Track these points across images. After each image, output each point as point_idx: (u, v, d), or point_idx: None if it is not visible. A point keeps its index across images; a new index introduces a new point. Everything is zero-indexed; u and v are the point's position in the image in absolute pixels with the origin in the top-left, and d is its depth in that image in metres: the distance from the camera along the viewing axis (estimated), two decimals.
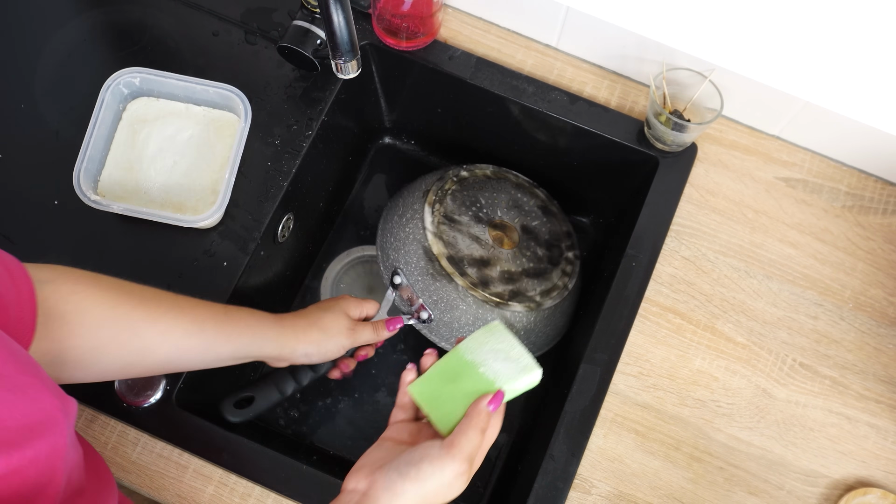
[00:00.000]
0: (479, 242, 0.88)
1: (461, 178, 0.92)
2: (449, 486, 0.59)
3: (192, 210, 0.84)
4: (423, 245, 0.85)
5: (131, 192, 0.84)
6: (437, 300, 0.85)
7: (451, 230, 0.87)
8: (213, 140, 0.87)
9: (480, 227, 0.89)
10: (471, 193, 0.91)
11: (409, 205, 0.90)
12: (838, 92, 0.71)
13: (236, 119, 0.87)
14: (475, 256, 0.86)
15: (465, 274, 0.85)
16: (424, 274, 0.85)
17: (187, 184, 0.85)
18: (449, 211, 0.88)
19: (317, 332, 0.75)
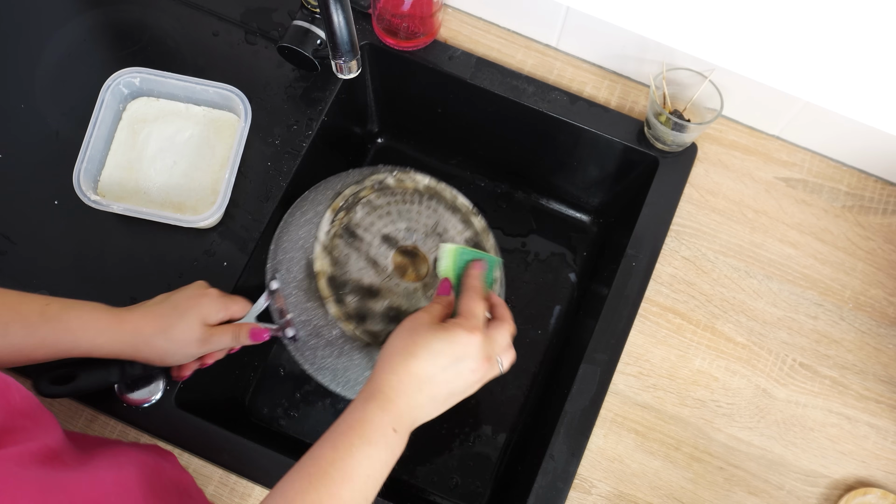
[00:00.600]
0: (374, 268, 0.76)
1: (384, 185, 0.80)
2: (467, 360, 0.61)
3: (192, 210, 0.84)
4: (308, 257, 0.75)
5: (131, 192, 0.84)
6: (306, 321, 0.74)
7: (347, 247, 0.76)
8: (213, 140, 0.87)
9: (385, 249, 0.77)
10: (390, 207, 0.79)
11: (316, 202, 0.79)
12: (838, 92, 0.71)
13: (236, 119, 0.87)
14: (363, 283, 0.75)
15: (342, 301, 0.73)
16: (300, 288, 0.75)
17: (187, 184, 0.85)
18: (354, 223, 0.77)
19: (162, 341, 0.68)
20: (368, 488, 0.56)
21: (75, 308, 0.67)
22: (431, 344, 0.60)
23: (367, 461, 0.56)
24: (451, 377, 0.61)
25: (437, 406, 0.62)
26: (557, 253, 1.02)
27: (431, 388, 0.60)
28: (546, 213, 1.05)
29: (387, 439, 0.57)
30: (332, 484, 0.55)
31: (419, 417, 0.61)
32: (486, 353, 0.62)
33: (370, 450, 0.57)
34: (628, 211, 0.93)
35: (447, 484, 0.92)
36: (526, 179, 1.04)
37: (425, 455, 0.93)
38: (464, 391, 0.63)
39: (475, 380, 0.62)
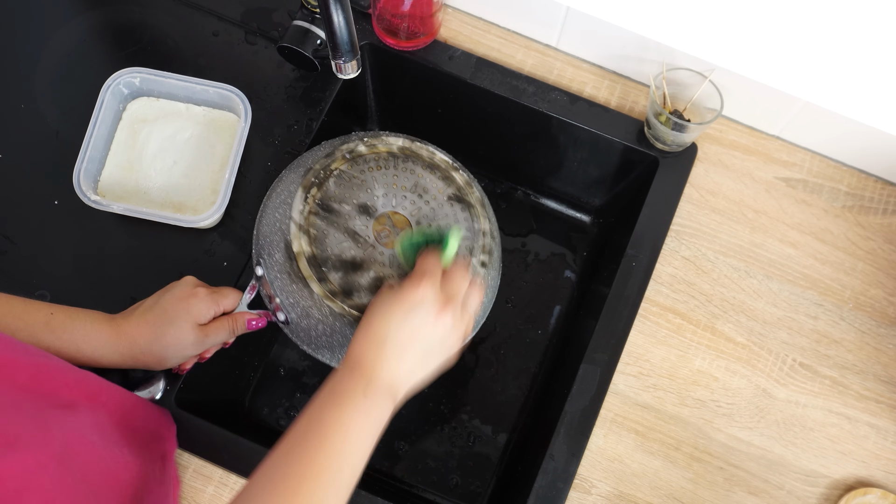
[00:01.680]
0: (355, 240, 0.73)
1: (356, 154, 0.76)
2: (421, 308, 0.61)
3: (192, 210, 0.84)
4: (286, 238, 0.73)
5: (131, 192, 0.84)
6: (294, 303, 0.73)
7: (324, 223, 0.73)
8: (213, 140, 0.87)
9: (363, 219, 0.75)
10: (364, 175, 0.76)
11: (289, 181, 0.77)
12: (838, 92, 0.71)
13: (236, 119, 0.87)
14: (345, 258, 0.73)
15: (325, 279, 0.71)
16: (283, 271, 0.73)
17: (187, 184, 0.85)
18: (328, 197, 0.74)
19: (157, 348, 0.69)
20: (346, 453, 0.58)
21: (78, 320, 0.68)
22: (383, 305, 0.62)
23: (340, 426, 0.58)
24: (410, 331, 0.61)
25: (413, 364, 0.62)
26: (557, 253, 1.02)
27: (394, 345, 0.61)
28: (546, 213, 1.05)
29: (357, 403, 0.59)
30: (308, 449, 0.56)
31: (395, 379, 0.61)
32: (441, 299, 0.62)
33: (341, 415, 0.58)
34: (628, 211, 0.93)
35: (447, 484, 0.92)
36: (526, 179, 1.04)
37: (425, 455, 0.93)
38: (439, 344, 0.63)
39: (443, 328, 0.62)
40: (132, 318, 0.69)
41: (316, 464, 0.56)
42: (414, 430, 0.94)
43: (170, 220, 0.80)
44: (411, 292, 0.62)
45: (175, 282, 0.73)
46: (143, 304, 0.71)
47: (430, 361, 0.63)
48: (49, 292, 0.81)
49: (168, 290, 0.71)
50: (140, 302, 0.72)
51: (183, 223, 0.80)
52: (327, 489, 0.56)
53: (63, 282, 0.81)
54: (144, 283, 0.81)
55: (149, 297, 0.73)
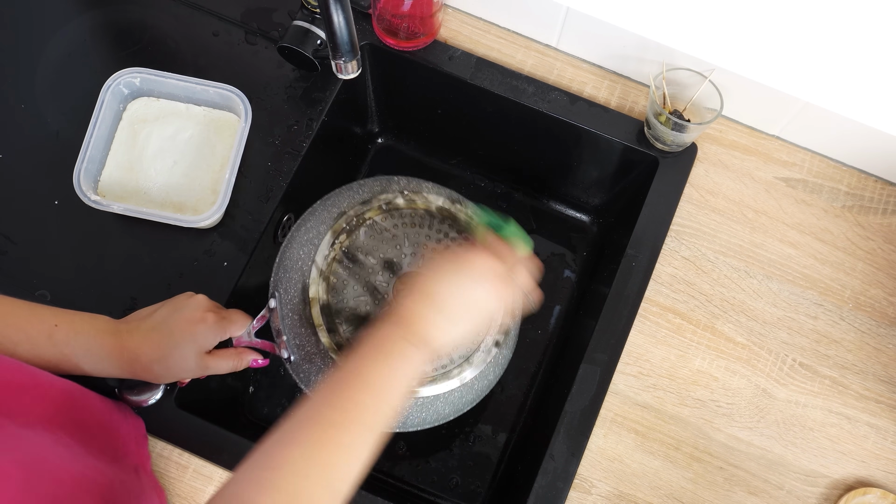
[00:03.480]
0: (373, 296, 0.72)
1: (393, 206, 0.74)
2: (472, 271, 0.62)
3: (192, 210, 0.84)
4: (304, 281, 0.71)
5: (131, 193, 0.84)
6: (300, 345, 0.72)
7: (346, 273, 0.72)
8: (213, 140, 0.87)
9: (386, 275, 0.73)
10: (396, 230, 0.74)
11: (320, 219, 0.75)
12: (838, 92, 0.71)
13: (236, 119, 0.87)
14: (359, 312, 0.71)
15: (335, 331, 0.70)
16: (295, 311, 0.72)
17: (187, 184, 0.85)
18: (356, 247, 0.72)
19: (159, 369, 0.69)
20: (387, 396, 0.59)
21: (81, 334, 0.68)
22: (437, 264, 0.63)
23: (384, 369, 0.59)
24: (455, 289, 0.62)
25: (452, 320, 0.62)
26: (557, 253, 1.02)
27: (438, 299, 0.62)
28: (546, 213, 1.05)
29: (400, 350, 0.60)
30: (351, 390, 0.58)
31: (434, 334, 0.61)
32: (495, 270, 0.63)
33: (384, 359, 0.59)
34: (628, 211, 0.94)
35: (447, 484, 0.92)
36: (526, 179, 1.04)
37: (425, 455, 0.93)
38: (480, 305, 0.63)
39: (486, 291, 0.63)
40: (137, 334, 0.69)
41: (359, 404, 0.57)
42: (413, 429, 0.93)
43: (170, 220, 0.80)
44: (468, 255, 0.63)
45: (186, 297, 0.73)
46: (150, 315, 0.71)
47: (473, 325, 0.64)
48: (49, 292, 0.81)
49: (177, 310, 0.71)
50: (147, 310, 0.72)
51: (183, 223, 0.80)
52: (368, 428, 0.57)
53: (63, 282, 0.81)
54: (144, 283, 0.81)
55: (157, 304, 0.72)
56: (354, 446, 0.56)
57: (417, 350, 0.60)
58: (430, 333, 0.61)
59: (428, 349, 0.61)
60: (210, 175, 0.85)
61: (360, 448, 0.56)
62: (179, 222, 0.80)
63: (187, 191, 0.85)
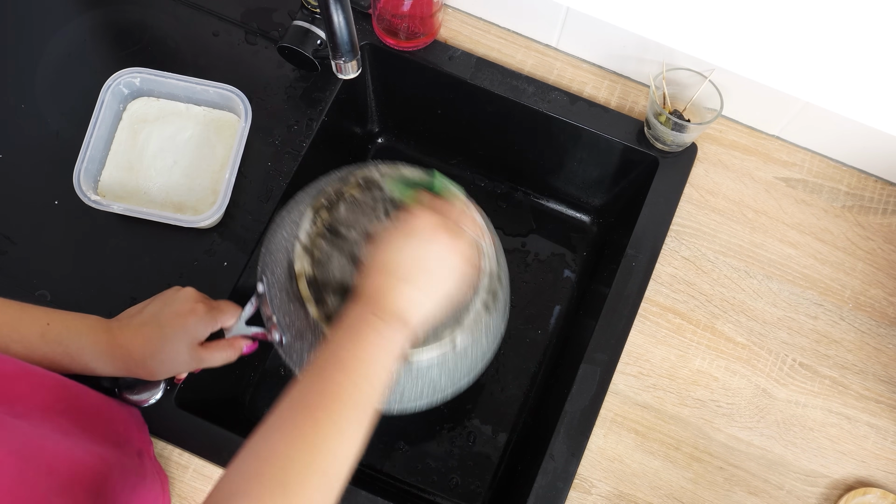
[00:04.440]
0: (358, 266, 0.72)
1: (370, 181, 0.76)
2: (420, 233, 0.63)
3: (192, 210, 0.84)
4: (289, 257, 0.72)
5: (131, 192, 0.84)
6: (290, 323, 0.72)
7: (330, 246, 0.72)
8: (213, 140, 0.87)
9: None
10: (376, 203, 0.76)
11: (301, 201, 0.77)
12: (838, 92, 0.71)
13: (236, 119, 0.87)
14: (346, 283, 0.72)
15: (323, 302, 0.70)
16: (282, 289, 0.73)
17: (187, 184, 0.85)
18: (337, 221, 0.73)
19: (152, 364, 0.69)
20: (365, 373, 0.59)
21: (73, 331, 0.67)
22: (383, 235, 0.64)
23: (355, 346, 0.59)
24: (410, 254, 0.62)
25: (421, 287, 0.62)
26: (557, 253, 1.02)
27: (397, 270, 0.62)
28: (546, 213, 1.05)
29: (370, 326, 0.60)
30: (328, 373, 0.58)
31: (405, 305, 0.61)
32: (441, 225, 0.64)
33: (353, 335, 0.60)
34: (628, 211, 0.94)
35: (447, 484, 0.92)
36: (526, 179, 1.04)
37: (425, 455, 0.93)
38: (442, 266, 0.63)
39: (441, 248, 0.63)
40: (128, 330, 0.69)
41: (336, 383, 0.57)
42: (414, 429, 0.94)
43: (170, 220, 0.80)
44: (408, 218, 0.64)
45: (175, 290, 0.73)
46: (141, 311, 0.71)
47: (437, 284, 0.63)
48: (49, 292, 0.81)
49: (167, 304, 0.71)
50: (138, 306, 0.72)
51: (183, 223, 0.80)
52: (350, 407, 0.57)
53: (63, 282, 0.81)
54: (144, 283, 0.81)
55: (148, 300, 0.72)
56: (339, 427, 0.56)
57: (387, 324, 0.60)
58: (397, 303, 0.61)
59: (398, 319, 0.61)
60: (210, 175, 0.85)
61: (345, 428, 0.57)
62: (179, 222, 0.80)
63: (187, 191, 0.85)
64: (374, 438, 0.82)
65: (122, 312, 0.73)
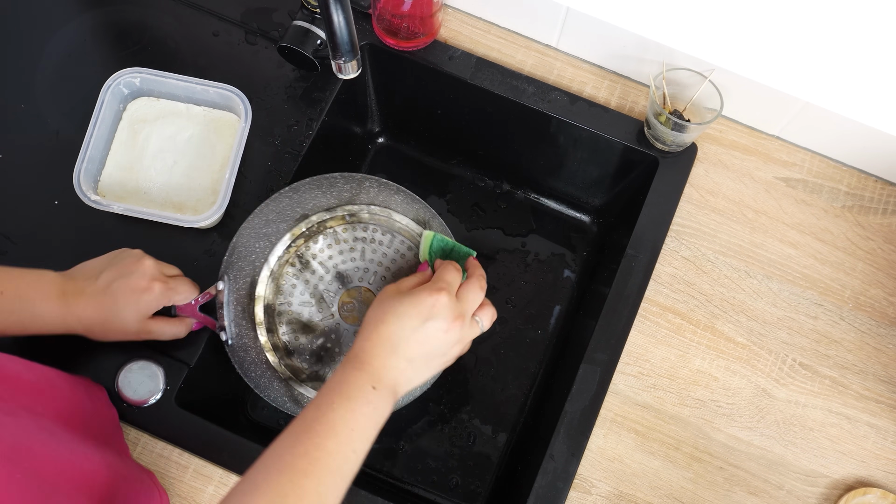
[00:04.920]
0: (319, 304, 0.73)
1: (357, 219, 0.75)
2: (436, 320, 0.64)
3: (192, 210, 0.84)
4: (253, 276, 0.73)
5: (131, 192, 0.84)
6: (239, 334, 0.74)
7: (296, 277, 0.73)
8: (213, 140, 0.87)
9: (336, 286, 0.75)
10: (356, 243, 0.76)
11: (283, 214, 0.76)
12: (838, 92, 0.71)
13: (236, 119, 0.87)
14: (301, 318, 0.73)
15: (274, 331, 0.72)
16: (239, 302, 0.74)
17: (187, 184, 0.85)
18: (311, 252, 0.74)
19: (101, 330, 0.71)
20: (353, 441, 0.59)
21: (26, 301, 0.68)
22: (397, 308, 0.64)
23: (349, 415, 0.60)
24: (422, 338, 0.63)
25: (417, 368, 0.64)
26: (557, 253, 1.02)
27: (405, 349, 0.63)
28: (546, 213, 1.05)
29: (366, 396, 0.61)
30: (317, 436, 0.58)
31: (400, 380, 0.63)
32: (455, 313, 0.65)
33: (350, 405, 0.60)
34: (628, 211, 0.94)
35: (447, 484, 0.92)
36: (526, 179, 1.04)
37: (425, 455, 0.93)
38: (443, 352, 0.66)
39: (451, 339, 0.65)
40: (83, 297, 0.70)
41: (324, 450, 0.58)
42: (414, 430, 0.94)
43: (170, 220, 0.80)
44: (431, 299, 0.64)
45: (133, 259, 0.73)
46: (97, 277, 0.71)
47: (431, 367, 0.66)
48: None
49: (123, 275, 0.71)
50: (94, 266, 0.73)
51: (183, 223, 0.80)
52: (335, 475, 0.58)
53: None
54: None
55: (103, 259, 0.74)
56: (321, 493, 0.57)
57: (380, 395, 0.61)
58: (393, 378, 0.62)
59: (392, 393, 0.62)
60: (210, 175, 0.85)
61: (326, 494, 0.57)
62: (180, 222, 0.80)
63: (187, 191, 0.85)
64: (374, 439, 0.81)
65: (76, 268, 0.74)
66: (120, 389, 0.76)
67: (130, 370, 0.77)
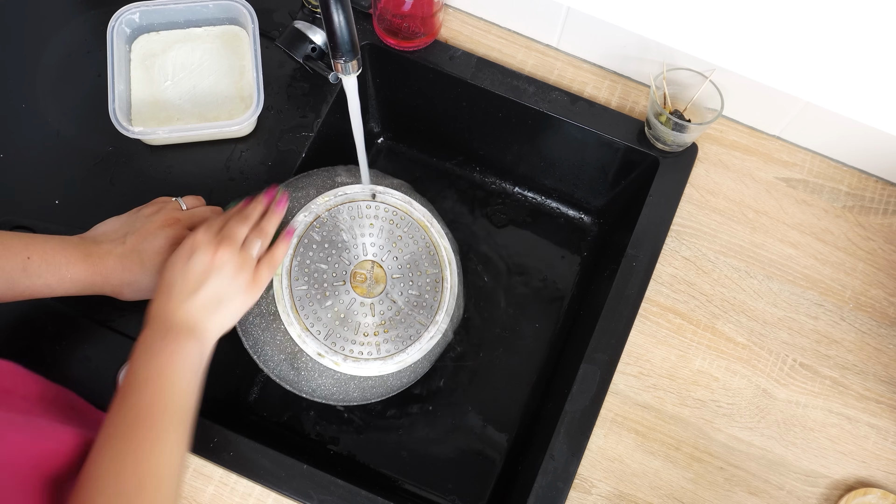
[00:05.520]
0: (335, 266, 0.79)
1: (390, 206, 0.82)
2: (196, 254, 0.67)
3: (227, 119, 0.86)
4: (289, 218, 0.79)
5: (163, 123, 0.86)
6: None
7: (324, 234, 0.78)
8: (224, 53, 0.89)
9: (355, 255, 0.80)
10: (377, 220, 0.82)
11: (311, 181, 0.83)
12: (839, 92, 0.71)
13: (239, 29, 0.90)
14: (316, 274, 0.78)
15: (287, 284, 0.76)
16: None
17: (214, 100, 0.87)
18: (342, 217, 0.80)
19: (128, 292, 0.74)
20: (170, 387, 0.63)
21: (54, 264, 0.69)
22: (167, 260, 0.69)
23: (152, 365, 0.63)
24: (193, 272, 0.66)
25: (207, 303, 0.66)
26: (557, 253, 1.02)
27: (180, 289, 0.66)
28: (546, 213, 1.05)
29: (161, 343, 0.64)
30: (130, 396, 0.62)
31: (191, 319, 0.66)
32: (214, 241, 0.68)
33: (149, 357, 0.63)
34: (628, 211, 0.94)
35: (447, 484, 0.92)
36: (526, 179, 1.05)
37: (425, 455, 0.93)
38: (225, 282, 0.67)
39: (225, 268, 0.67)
40: (109, 259, 0.72)
41: (150, 403, 0.61)
42: (414, 429, 0.94)
43: (214, 128, 0.83)
44: (188, 240, 0.68)
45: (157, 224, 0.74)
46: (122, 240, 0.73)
47: (224, 301, 0.67)
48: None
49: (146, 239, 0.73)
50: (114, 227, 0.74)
51: (227, 129, 0.83)
52: (167, 422, 0.61)
53: None
54: None
55: (124, 220, 0.75)
56: (161, 439, 0.60)
57: (182, 340, 0.64)
58: (180, 319, 0.65)
59: (191, 334, 0.65)
60: (233, 85, 0.88)
61: (166, 439, 0.60)
62: (224, 128, 0.83)
63: (217, 106, 0.87)
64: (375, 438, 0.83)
65: (98, 228, 0.75)
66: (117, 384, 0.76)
67: None
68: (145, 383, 0.62)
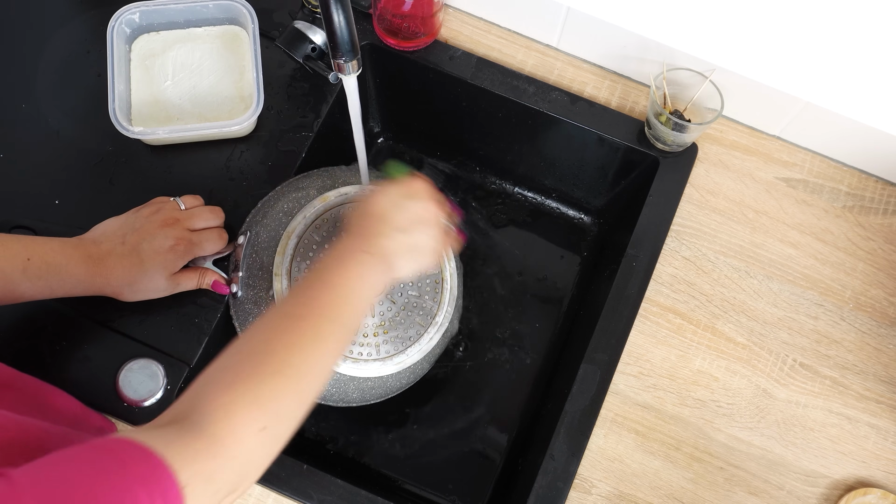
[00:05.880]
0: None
1: None
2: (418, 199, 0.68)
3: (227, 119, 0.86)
4: (279, 232, 0.79)
5: (163, 123, 0.86)
6: (251, 285, 0.78)
7: (320, 238, 0.79)
8: (224, 54, 0.89)
9: None
10: None
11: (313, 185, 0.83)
12: (839, 92, 0.71)
13: (239, 29, 0.89)
14: None
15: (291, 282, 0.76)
16: (258, 256, 0.79)
17: (214, 100, 0.87)
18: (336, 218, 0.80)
19: (128, 292, 0.74)
20: (347, 295, 0.63)
21: (53, 266, 0.69)
22: (386, 189, 0.69)
23: (343, 273, 0.63)
24: (406, 213, 0.67)
25: (400, 230, 0.66)
26: (558, 253, 1.02)
27: (391, 218, 0.67)
28: (546, 213, 1.05)
29: (357, 258, 0.64)
30: (312, 289, 0.63)
31: (389, 249, 0.66)
32: (433, 196, 0.69)
33: (343, 265, 0.64)
34: (628, 211, 0.94)
35: (447, 484, 0.92)
36: (526, 179, 1.05)
37: (425, 455, 0.93)
38: (421, 217, 0.68)
39: (426, 207, 0.68)
40: (110, 259, 0.72)
41: (319, 301, 0.62)
42: (414, 429, 0.94)
43: (213, 128, 0.82)
44: (411, 182, 0.69)
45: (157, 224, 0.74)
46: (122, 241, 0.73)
47: (417, 253, 0.68)
48: None
49: (146, 239, 0.73)
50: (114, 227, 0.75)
51: (226, 129, 0.83)
52: (332, 322, 0.61)
53: None
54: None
55: (123, 220, 0.75)
56: (320, 337, 0.60)
57: (375, 261, 0.65)
58: (382, 245, 0.65)
59: (385, 261, 0.65)
60: (233, 85, 0.87)
61: (325, 339, 0.60)
62: (224, 128, 0.83)
63: (216, 106, 0.87)
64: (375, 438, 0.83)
65: (98, 231, 0.75)
66: (120, 389, 0.76)
67: (130, 370, 0.76)
68: (338, 282, 0.63)
